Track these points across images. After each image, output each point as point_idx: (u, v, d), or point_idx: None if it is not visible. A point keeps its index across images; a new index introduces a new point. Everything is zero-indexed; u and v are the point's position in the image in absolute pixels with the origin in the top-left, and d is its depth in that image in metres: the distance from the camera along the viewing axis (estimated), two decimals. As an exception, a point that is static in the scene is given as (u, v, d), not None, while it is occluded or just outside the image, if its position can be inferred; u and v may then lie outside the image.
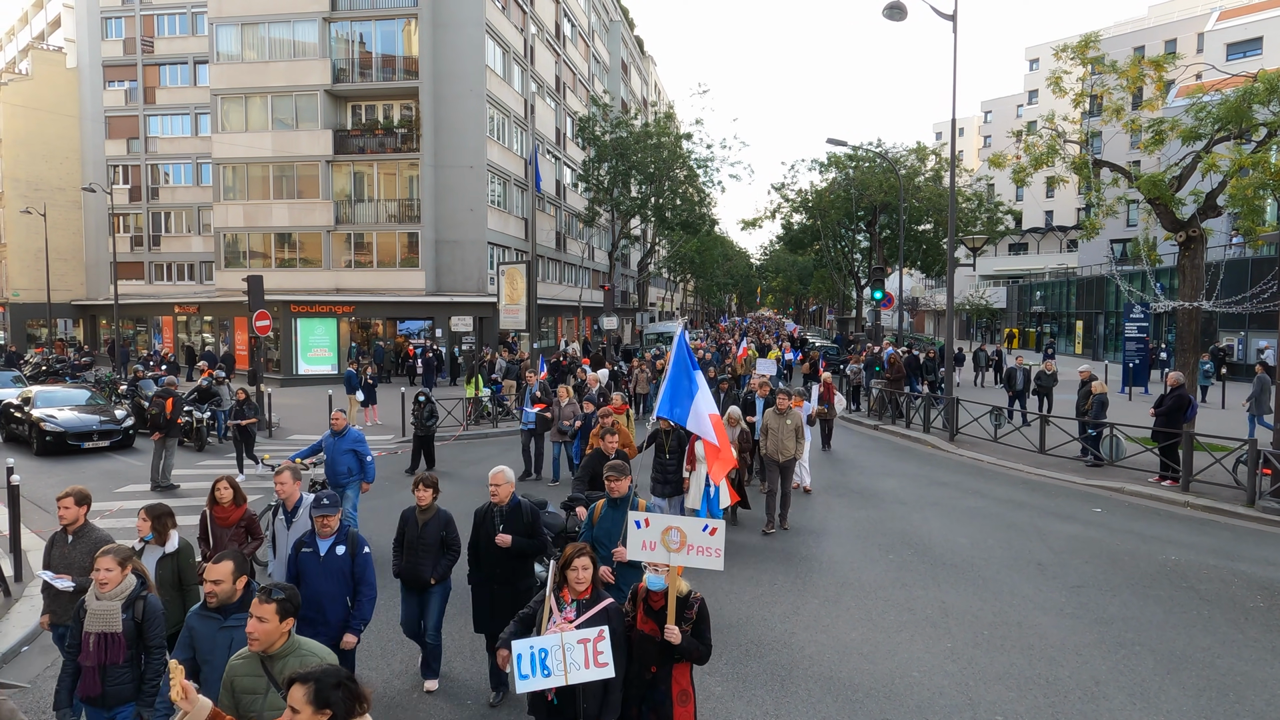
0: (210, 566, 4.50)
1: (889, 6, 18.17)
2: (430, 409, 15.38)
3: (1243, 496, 12.24)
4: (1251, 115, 15.62)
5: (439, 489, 6.61)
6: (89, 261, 51.07)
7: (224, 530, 6.80)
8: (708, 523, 4.76)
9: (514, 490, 6.37)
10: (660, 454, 10.07)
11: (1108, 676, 6.65)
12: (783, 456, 10.98)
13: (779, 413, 11.20)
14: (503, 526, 6.22)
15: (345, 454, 10.05)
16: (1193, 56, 46.85)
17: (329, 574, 5.58)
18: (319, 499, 5.75)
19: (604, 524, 6.24)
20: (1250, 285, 22.66)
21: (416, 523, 6.45)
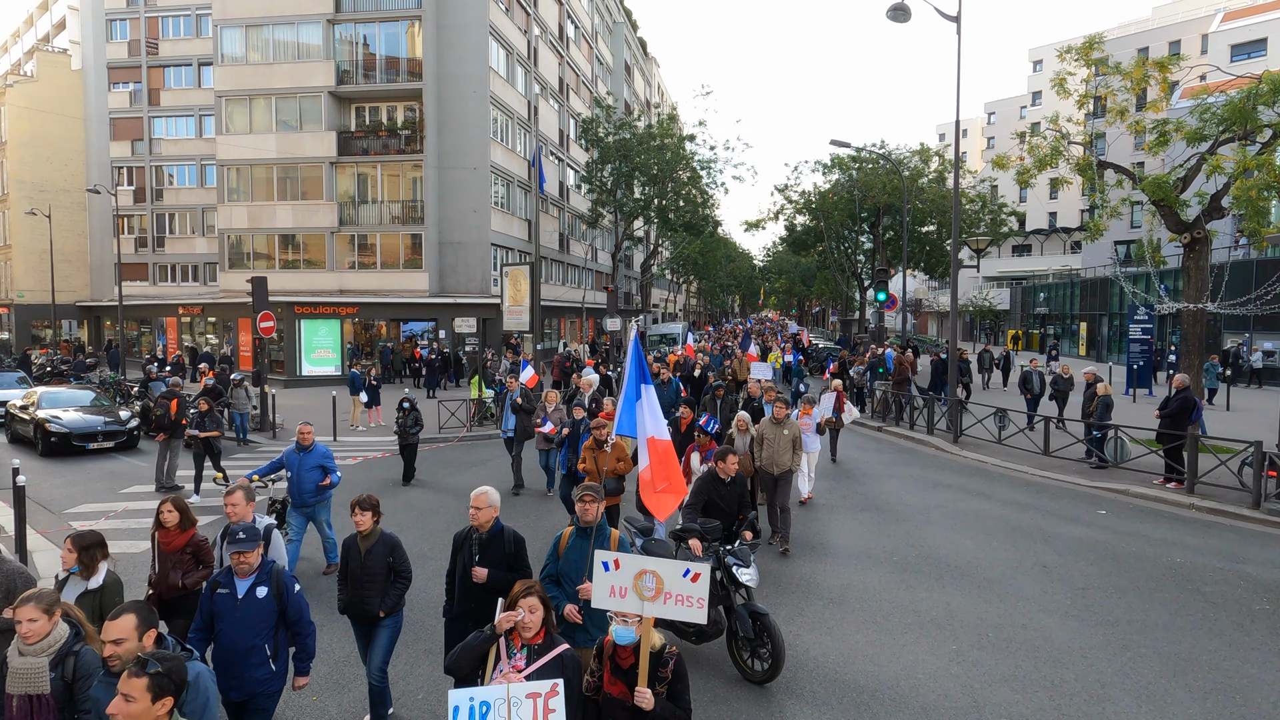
0: (108, 623, 3.69)
1: (893, 8, 18.16)
2: (414, 416, 14.61)
3: (1248, 499, 12.21)
4: (1256, 116, 15.60)
5: (380, 511, 5.96)
6: (93, 263, 51.20)
7: (169, 556, 6.14)
8: (689, 566, 4.17)
9: (497, 515, 5.67)
10: None
11: (1113, 679, 6.64)
12: (778, 469, 10.23)
13: (776, 422, 10.44)
14: (479, 557, 5.54)
15: (312, 471, 9.27)
16: (1197, 58, 46.76)
17: (247, 620, 4.79)
18: (234, 532, 4.98)
19: (571, 555, 5.47)
20: (1255, 287, 22.59)
21: (359, 551, 5.80)
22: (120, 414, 18.91)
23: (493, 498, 5.61)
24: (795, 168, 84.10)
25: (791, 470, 10.26)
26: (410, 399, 14.77)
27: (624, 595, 4.13)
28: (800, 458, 10.50)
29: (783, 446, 10.24)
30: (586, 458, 9.43)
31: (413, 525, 11.58)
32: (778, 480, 10.23)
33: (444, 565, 5.95)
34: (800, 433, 10.68)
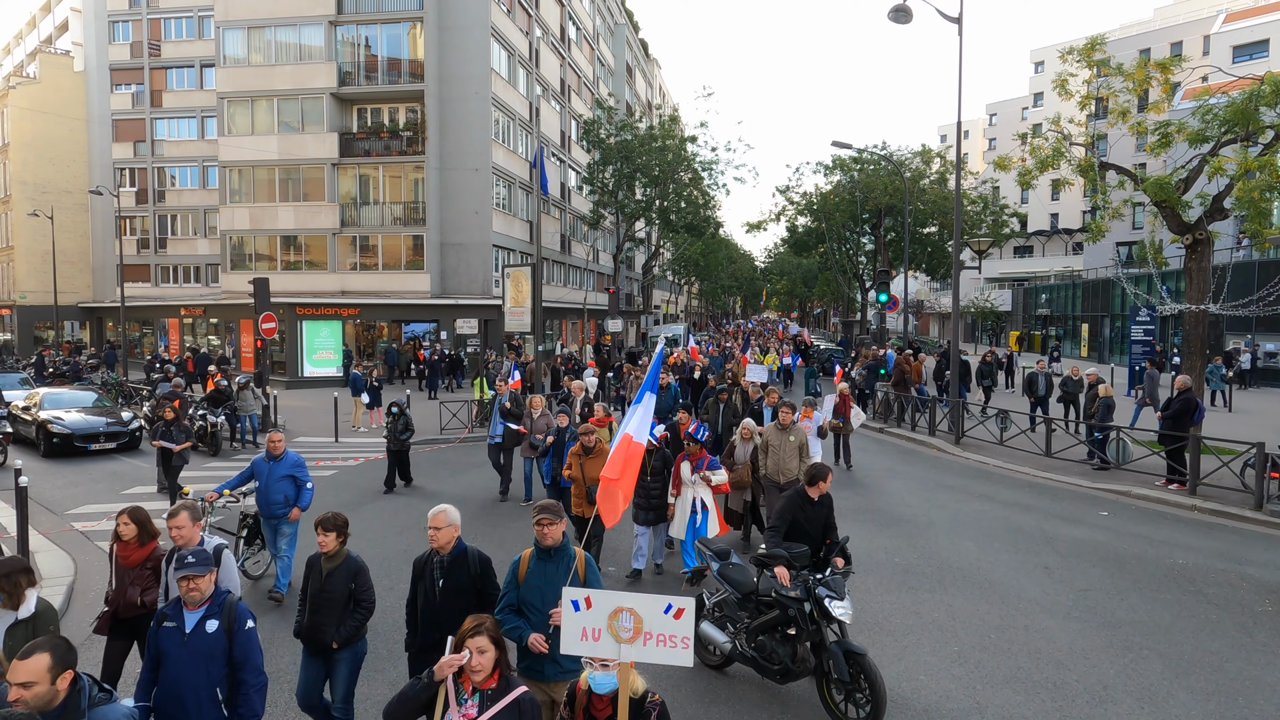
0: (17, 663, 3.34)
1: (894, 9, 18.17)
2: (405, 421, 14.10)
3: (1250, 500, 12.20)
4: (1258, 117, 15.57)
5: (346, 532, 5.53)
6: (95, 264, 51.27)
7: (128, 572, 5.68)
8: (671, 602, 3.74)
9: (459, 534, 5.18)
10: (641, 475, 8.75)
11: (1115, 680, 6.63)
12: (784, 478, 9.68)
13: (781, 428, 9.93)
14: (443, 582, 5.05)
15: (282, 481, 8.72)
16: (1199, 59, 46.72)
17: (195, 658, 4.26)
18: (182, 557, 4.43)
19: (533, 580, 4.86)
20: (1257, 288, 22.56)
21: (320, 572, 5.39)
22: (122, 415, 18.92)
23: (452, 516, 5.13)
24: (797, 169, 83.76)
25: (798, 479, 9.34)
26: (399, 403, 14.29)
27: (598, 638, 3.72)
28: (807, 465, 9.71)
29: (789, 454, 9.74)
30: (572, 464, 9.08)
31: (391, 538, 11.52)
32: (783, 490, 9.52)
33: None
34: (807, 439, 10.16)
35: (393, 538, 10.90)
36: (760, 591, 6.40)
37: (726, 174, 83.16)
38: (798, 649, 6.14)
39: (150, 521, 5.86)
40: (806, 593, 6.08)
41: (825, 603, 5.99)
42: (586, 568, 4.95)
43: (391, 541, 10.66)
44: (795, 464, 9.67)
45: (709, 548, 7.14)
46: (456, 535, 5.13)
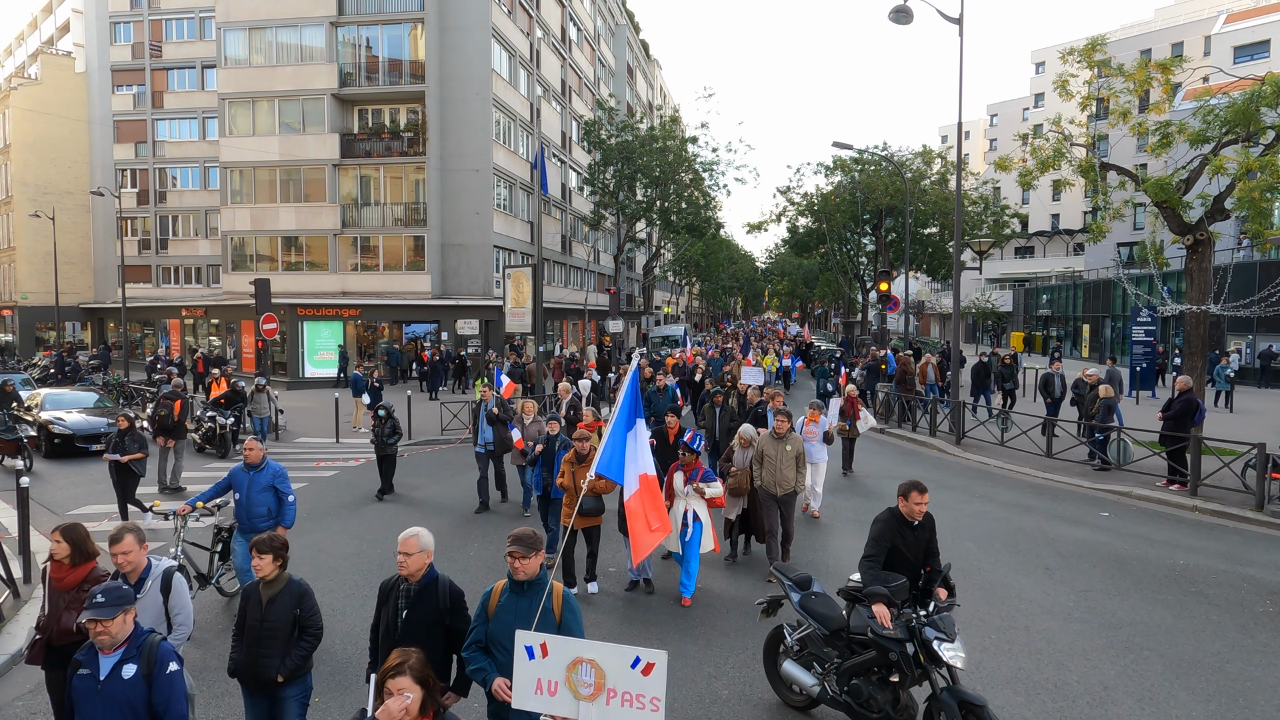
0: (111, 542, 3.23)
1: (895, 10, 18.17)
2: (392, 424, 13.61)
3: (1251, 501, 12.19)
4: (1259, 118, 15.55)
5: (285, 554, 4.97)
6: (97, 265, 51.33)
7: (62, 595, 5.20)
8: (639, 655, 3.32)
9: (430, 561, 4.73)
10: None
11: (1116, 681, 6.63)
12: (781, 489, 9.15)
13: (777, 436, 9.30)
14: (407, 613, 4.59)
15: (264, 492, 8.06)
16: (1200, 59, 46.67)
17: (110, 708, 3.83)
18: (92, 594, 3.91)
19: (504, 616, 4.34)
20: (1259, 289, 22.55)
21: (259, 601, 4.83)
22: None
23: (424, 541, 4.69)
24: (797, 169, 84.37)
25: (796, 491, 9.25)
26: (387, 406, 13.82)
27: (554, 692, 3.31)
28: (805, 476, 9.48)
29: (785, 464, 9.17)
30: (565, 472, 8.68)
31: (369, 551, 11.49)
32: (781, 502, 9.24)
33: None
34: (804, 448, 9.60)
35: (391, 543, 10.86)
36: (852, 629, 5.74)
37: (727, 175, 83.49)
38: (900, 695, 5.48)
39: (88, 540, 5.34)
40: (910, 633, 5.35)
41: (933, 645, 5.24)
42: (564, 607, 4.37)
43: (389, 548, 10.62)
44: (792, 475, 9.20)
45: (786, 575, 6.42)
46: (428, 562, 4.69)
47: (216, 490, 8.35)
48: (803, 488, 9.40)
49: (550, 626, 4.23)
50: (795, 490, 9.18)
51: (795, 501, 9.38)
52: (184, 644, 4.95)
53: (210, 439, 17.98)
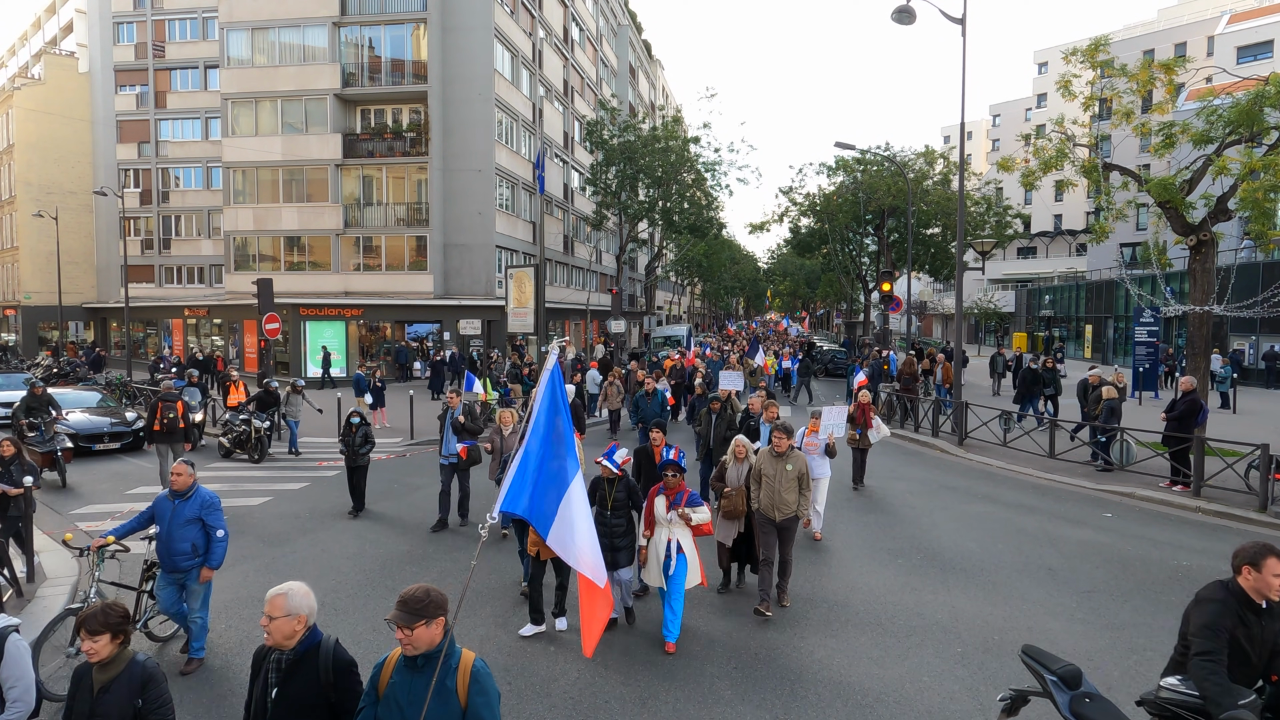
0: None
1: (898, 10, 18.17)
2: (364, 433, 12.08)
3: (1255, 502, 12.17)
4: (1263, 118, 15.52)
5: (125, 630, 3.94)
6: (100, 264, 51.44)
7: None
8: None
9: (310, 625, 3.79)
10: (602, 505, 7.47)
11: (1119, 683, 6.62)
12: (780, 514, 8.05)
13: (776, 454, 8.18)
14: (278, 689, 3.72)
15: (188, 526, 6.87)
16: (1203, 60, 46.63)
17: None
18: None
19: (395, 695, 3.53)
20: (1262, 289, 22.51)
21: (89, 687, 3.88)
22: (126, 415, 18.97)
23: (294, 602, 3.72)
24: (800, 170, 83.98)
25: (797, 516, 8.17)
26: (360, 413, 12.38)
27: None
28: (809, 499, 8.34)
29: (785, 485, 8.06)
30: None
31: (371, 551, 11.39)
32: (780, 528, 8.14)
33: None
34: (807, 467, 8.37)
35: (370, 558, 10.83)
36: None
37: (729, 175, 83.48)
38: None
39: None
40: None
41: None
42: (472, 688, 3.48)
43: (390, 548, 10.62)
44: (793, 497, 8.10)
45: (1046, 666, 4.77)
46: (300, 630, 3.73)
47: (139, 522, 7.12)
48: (805, 513, 8.28)
49: (452, 713, 3.43)
50: (796, 515, 8.15)
51: (796, 528, 8.34)
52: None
53: (242, 443, 17.02)
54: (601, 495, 7.54)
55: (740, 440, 8.88)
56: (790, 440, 8.29)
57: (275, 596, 3.70)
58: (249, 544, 10.64)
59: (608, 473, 7.56)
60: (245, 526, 11.44)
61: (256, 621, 5.53)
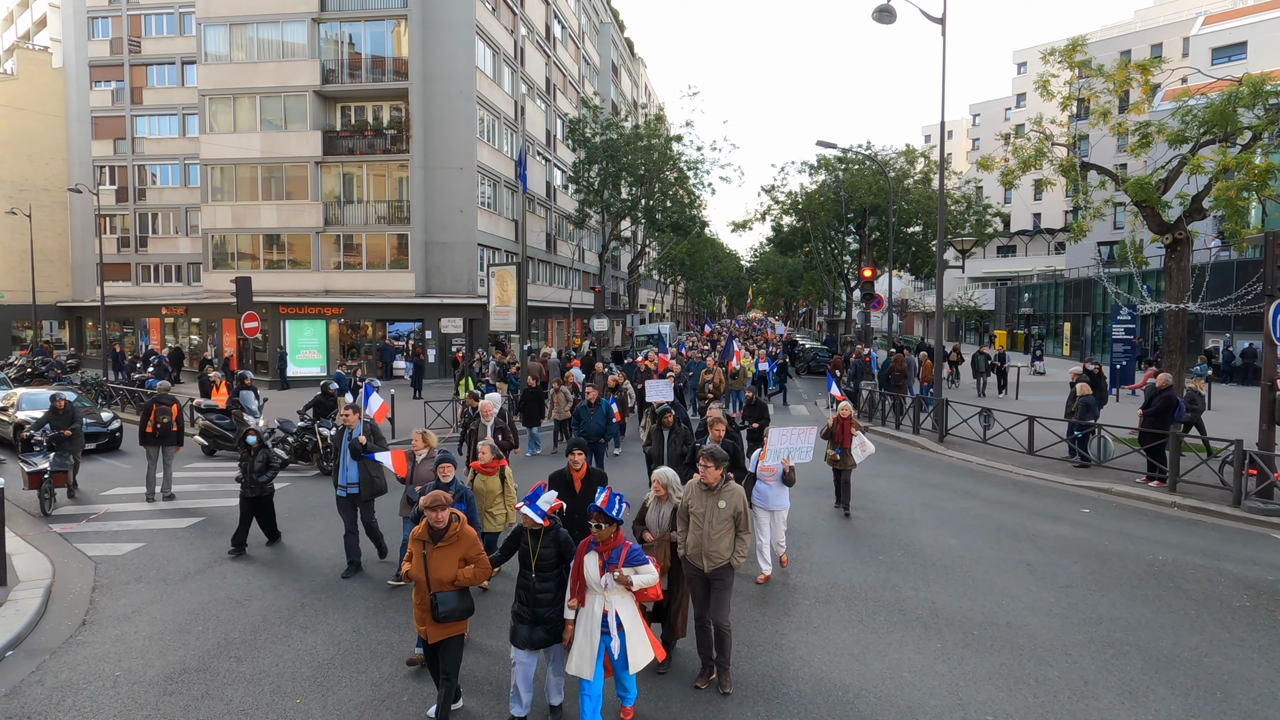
0: None
1: (878, 9, 18.25)
2: (264, 456, 10.14)
3: (1229, 497, 12.35)
4: (1236, 118, 15.78)
5: None
6: (75, 263, 50.71)
7: None
8: None
9: None
10: (524, 563, 5.87)
11: (1096, 676, 6.69)
12: (710, 563, 6.41)
13: (706, 488, 6.51)
14: None
15: None
16: (1178, 60, 47.26)
17: None
18: None
19: None
20: (1236, 287, 22.85)
21: None
22: (102, 415, 18.70)
23: None
24: (782, 168, 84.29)
25: (732, 566, 6.47)
26: (259, 432, 10.37)
27: None
28: (747, 544, 6.59)
29: (717, 527, 6.42)
30: (413, 554, 5.76)
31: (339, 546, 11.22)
32: (710, 581, 6.50)
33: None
34: (744, 505, 6.59)
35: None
36: None
37: (712, 173, 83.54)
38: None
39: None
40: None
41: None
42: None
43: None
44: (727, 543, 6.43)
45: None
46: None
47: None
48: (740, 562, 6.51)
49: None
50: (730, 565, 6.47)
51: (731, 581, 6.57)
52: None
53: (305, 453, 15.70)
54: (524, 551, 5.90)
55: (659, 476, 7.02)
56: (721, 470, 6.53)
57: None
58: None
59: (530, 523, 5.82)
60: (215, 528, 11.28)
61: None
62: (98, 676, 6.77)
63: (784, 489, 9.15)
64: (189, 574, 9.37)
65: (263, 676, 6.73)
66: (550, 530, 5.90)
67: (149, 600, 8.58)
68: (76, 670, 6.89)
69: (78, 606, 8.42)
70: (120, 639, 7.54)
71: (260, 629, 7.73)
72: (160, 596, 8.68)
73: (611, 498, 5.83)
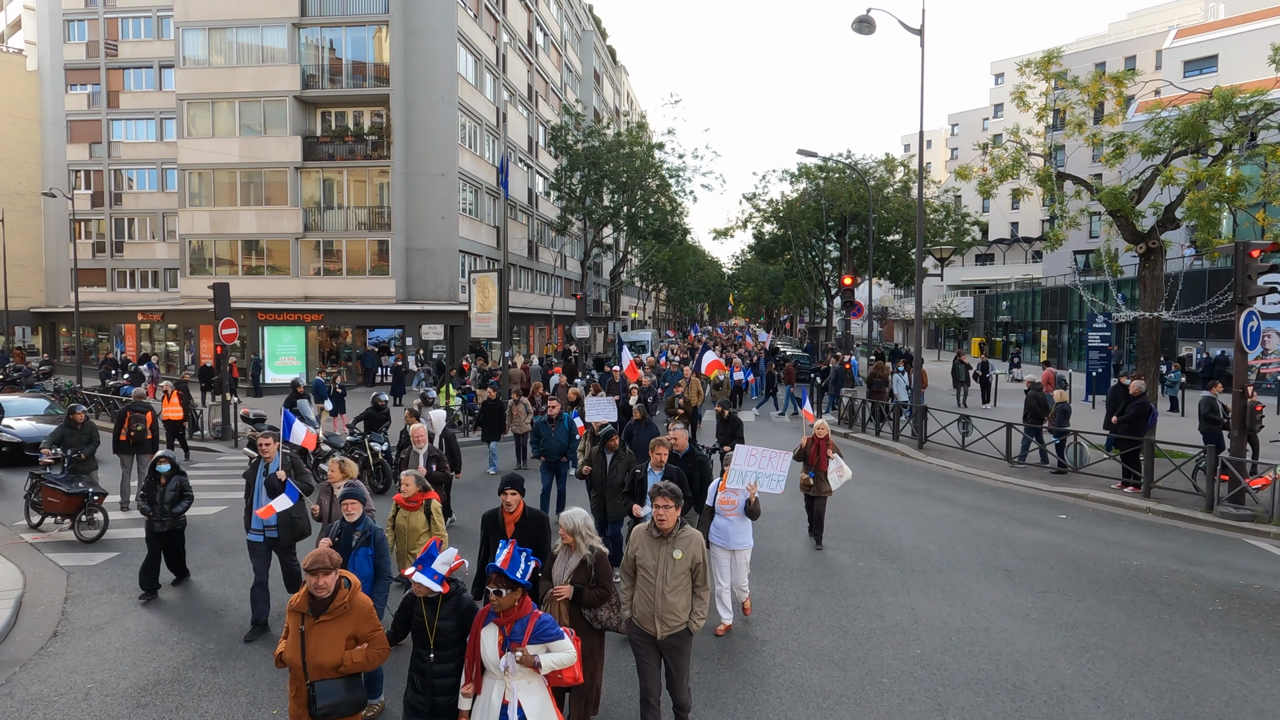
0: None
1: (858, 20, 18.42)
2: (179, 485, 8.81)
3: (1201, 502, 12.53)
4: (1207, 130, 16.06)
5: None
6: (48, 268, 50.00)
7: None
8: None
9: None
10: (419, 640, 4.83)
11: (1072, 680, 6.76)
12: (664, 627, 5.31)
13: (658, 534, 5.44)
14: None
15: None
16: (1151, 73, 48.10)
17: None
18: None
19: None
20: (1208, 295, 23.22)
21: None
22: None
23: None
24: (763, 176, 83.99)
25: (690, 630, 5.42)
26: (169, 456, 9.00)
27: None
28: (706, 601, 5.49)
29: (672, 583, 5.31)
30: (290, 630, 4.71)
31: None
32: (664, 648, 5.41)
33: None
34: (705, 556, 5.50)
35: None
36: None
37: (694, 181, 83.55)
38: None
39: None
40: None
41: None
42: None
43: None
44: (684, 601, 5.35)
45: None
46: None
47: None
48: (700, 624, 5.45)
49: None
50: (689, 629, 5.38)
51: (689, 648, 5.52)
52: None
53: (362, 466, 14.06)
54: (418, 625, 4.80)
55: (565, 522, 5.54)
56: (676, 511, 5.43)
57: None
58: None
59: (423, 591, 4.69)
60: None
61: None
62: (69, 689, 6.66)
63: (747, 523, 7.69)
64: (163, 584, 9.24)
65: (239, 688, 6.66)
66: (451, 597, 4.81)
67: (122, 611, 8.45)
68: (47, 683, 6.78)
69: (49, 617, 8.28)
70: (93, 650, 7.42)
71: (236, 640, 7.64)
72: (134, 607, 8.55)
73: (516, 555, 4.61)
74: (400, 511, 7.48)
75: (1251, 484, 12.16)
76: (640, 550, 5.47)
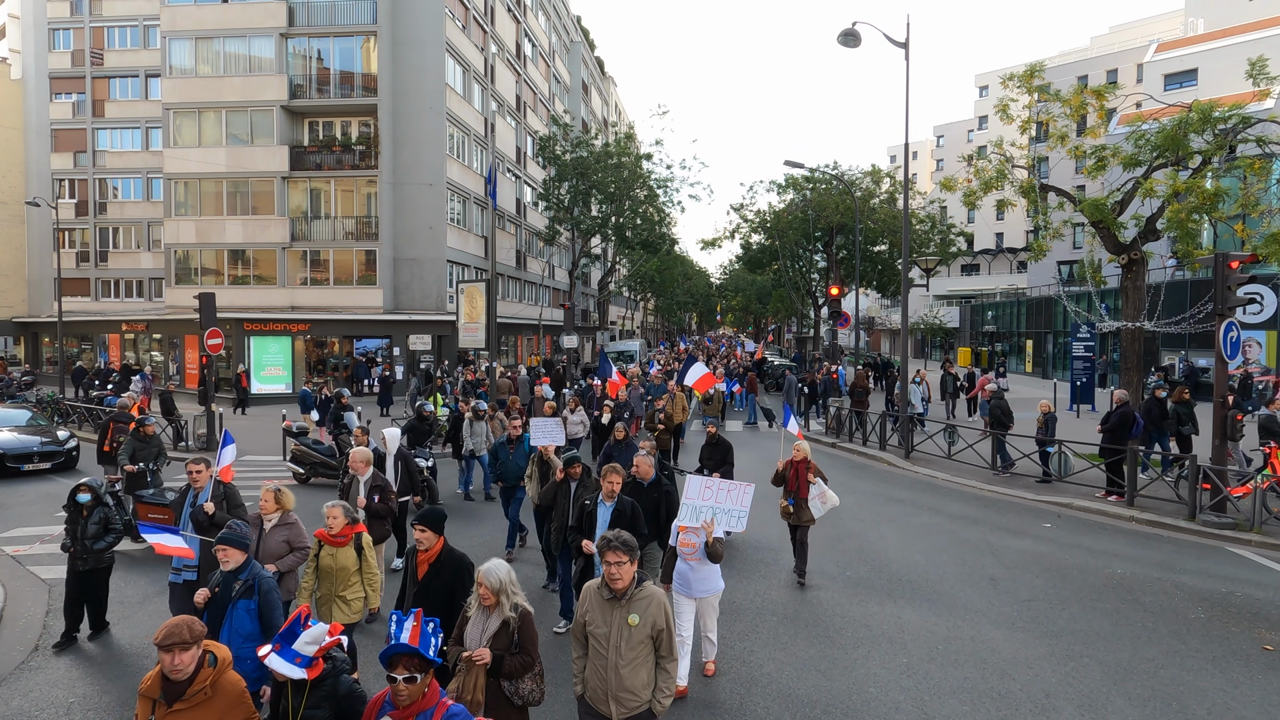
0: None
1: (843, 33, 18.58)
2: (103, 517, 7.80)
3: (1184, 511, 12.64)
4: (1187, 143, 16.30)
5: None
6: (32, 278, 49.58)
7: None
8: None
9: None
10: None
11: (1057, 688, 6.80)
12: (620, 708, 4.42)
13: (611, 595, 4.51)
14: None
15: None
16: (1133, 86, 48.72)
17: None
18: None
19: None
20: (1189, 306, 23.49)
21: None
22: (58, 434, 18.25)
23: None
24: (751, 187, 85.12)
25: (654, 711, 4.51)
26: (92, 485, 7.88)
27: None
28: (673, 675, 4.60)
29: (629, 654, 4.43)
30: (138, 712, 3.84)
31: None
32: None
33: None
34: (669, 619, 4.54)
35: None
36: None
37: (682, 191, 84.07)
38: None
39: None
40: None
41: None
42: None
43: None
44: (644, 677, 4.47)
45: None
46: None
47: None
48: (666, 705, 4.56)
49: None
50: (652, 711, 4.50)
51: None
52: None
53: (415, 488, 12.22)
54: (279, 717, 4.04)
55: (489, 576, 4.50)
56: (631, 568, 4.51)
57: None
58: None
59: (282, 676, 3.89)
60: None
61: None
62: (51, 703, 6.60)
63: (711, 568, 6.63)
64: (147, 596, 9.16)
65: (223, 701, 6.58)
66: (324, 683, 3.99)
67: (105, 624, 8.36)
68: (29, 697, 6.70)
69: (30, 631, 8.19)
70: (75, 664, 7.35)
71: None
72: (117, 620, 8.46)
73: (423, 631, 3.67)
74: (325, 548, 6.26)
75: (1233, 492, 12.29)
76: (591, 613, 4.55)
